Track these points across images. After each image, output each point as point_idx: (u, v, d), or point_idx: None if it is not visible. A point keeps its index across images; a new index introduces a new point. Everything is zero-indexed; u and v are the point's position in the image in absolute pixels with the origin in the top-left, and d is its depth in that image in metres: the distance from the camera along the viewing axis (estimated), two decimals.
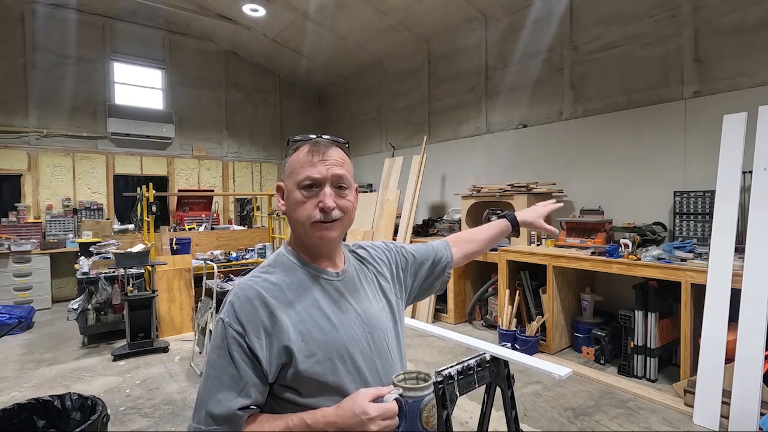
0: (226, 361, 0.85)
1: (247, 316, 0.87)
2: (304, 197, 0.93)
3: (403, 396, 0.95)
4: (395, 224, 6.26)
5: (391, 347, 1.03)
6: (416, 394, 1.37)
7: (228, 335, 0.86)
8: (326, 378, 0.89)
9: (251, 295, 0.89)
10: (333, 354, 0.91)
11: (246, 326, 0.86)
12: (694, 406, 2.93)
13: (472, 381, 2.01)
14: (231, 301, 0.89)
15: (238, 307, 0.87)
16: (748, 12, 3.66)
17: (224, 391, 0.83)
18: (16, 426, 2.01)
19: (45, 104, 6.74)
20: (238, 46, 8.27)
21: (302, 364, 0.87)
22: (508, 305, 4.35)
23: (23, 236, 6.19)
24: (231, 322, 0.86)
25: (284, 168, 0.99)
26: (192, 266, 5.24)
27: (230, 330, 0.86)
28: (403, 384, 1.47)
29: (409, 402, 1.33)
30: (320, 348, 0.90)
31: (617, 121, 4.51)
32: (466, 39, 6.20)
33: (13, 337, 4.92)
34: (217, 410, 0.83)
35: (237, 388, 0.84)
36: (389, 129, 7.80)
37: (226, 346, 0.85)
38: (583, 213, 4.51)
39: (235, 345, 0.85)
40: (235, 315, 0.87)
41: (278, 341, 0.86)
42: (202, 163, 8.27)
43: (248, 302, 0.88)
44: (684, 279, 3.18)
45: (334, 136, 1.01)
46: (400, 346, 1.08)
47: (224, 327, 0.87)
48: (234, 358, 0.84)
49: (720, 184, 3.10)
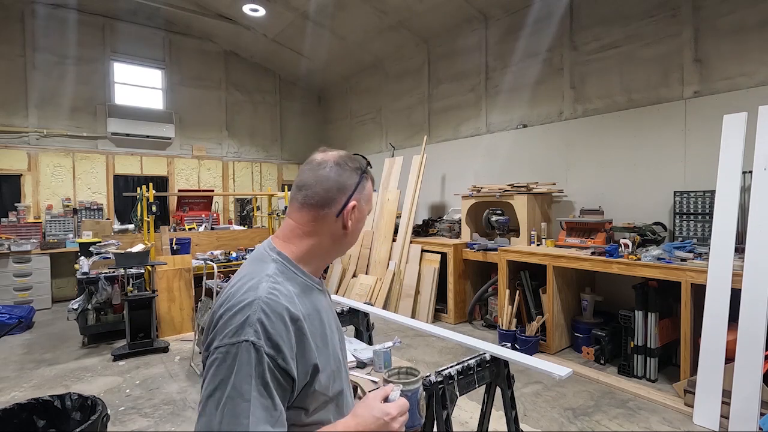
0: (258, 391, 0.74)
1: (281, 336, 0.78)
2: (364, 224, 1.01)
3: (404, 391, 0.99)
4: (395, 224, 6.26)
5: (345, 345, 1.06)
6: (413, 387, 1.66)
7: (263, 361, 0.75)
8: (329, 390, 0.87)
9: (281, 311, 0.79)
10: (335, 364, 0.90)
11: (282, 348, 0.77)
12: (694, 406, 2.93)
13: (472, 381, 2.01)
14: (260, 320, 0.77)
15: (270, 327, 0.77)
16: (748, 12, 3.66)
17: (262, 424, 0.73)
18: (16, 426, 2.01)
19: (45, 104, 6.74)
20: (238, 46, 8.27)
21: (322, 380, 0.84)
22: (508, 305, 4.34)
23: (23, 236, 6.19)
24: (263, 345, 0.75)
25: (363, 191, 0.96)
26: (192, 266, 5.24)
27: (263, 354, 0.75)
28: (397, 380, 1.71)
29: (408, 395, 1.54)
30: (328, 360, 0.87)
31: (617, 121, 4.51)
32: (466, 39, 6.20)
33: (13, 337, 4.92)
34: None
35: (272, 420, 0.75)
36: (389, 129, 7.81)
37: (261, 374, 0.75)
38: (583, 213, 4.51)
39: (269, 371, 0.75)
40: (268, 336, 0.76)
41: (306, 360, 0.81)
42: (202, 163, 8.27)
43: (280, 320, 0.78)
44: (684, 279, 3.19)
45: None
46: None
47: (257, 351, 0.75)
48: (268, 386, 0.75)
49: (720, 184, 3.10)
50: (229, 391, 0.73)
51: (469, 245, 5.28)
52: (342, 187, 0.92)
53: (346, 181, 0.92)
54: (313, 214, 0.91)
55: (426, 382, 1.79)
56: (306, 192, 0.91)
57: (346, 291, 6.45)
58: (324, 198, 0.90)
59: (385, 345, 2.43)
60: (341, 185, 0.91)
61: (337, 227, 0.92)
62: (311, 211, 0.91)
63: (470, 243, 5.32)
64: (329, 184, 0.91)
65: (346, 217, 0.92)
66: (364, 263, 6.52)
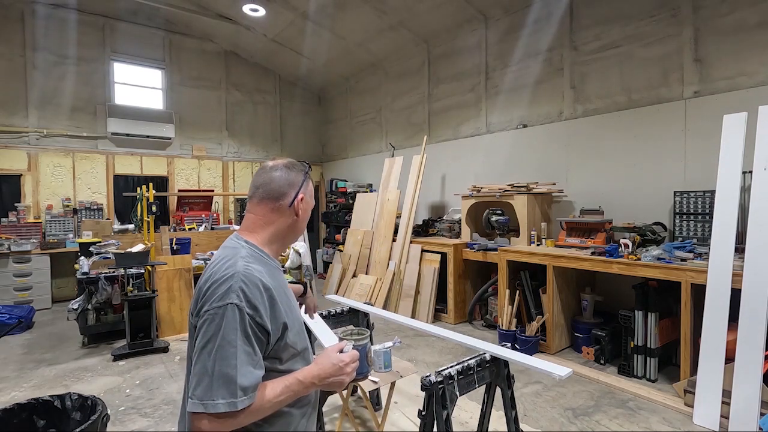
0: (242, 341, 0.96)
1: (257, 299, 1.00)
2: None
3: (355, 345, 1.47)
4: (395, 224, 6.26)
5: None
6: (362, 342, 2.23)
7: (244, 317, 0.97)
8: (298, 345, 1.12)
9: (256, 281, 1.02)
10: (299, 326, 1.15)
11: (258, 308, 1.00)
12: (694, 406, 2.93)
13: (472, 381, 2.01)
14: (241, 288, 0.99)
15: (248, 293, 0.99)
16: (748, 12, 3.66)
17: (246, 365, 0.95)
18: (16, 426, 2.01)
19: (45, 104, 6.74)
20: (238, 46, 8.27)
21: (289, 336, 1.08)
22: (508, 305, 4.34)
23: (23, 236, 6.19)
24: (245, 305, 0.98)
25: (307, 187, 1.21)
26: (192, 266, 5.24)
27: (245, 313, 0.97)
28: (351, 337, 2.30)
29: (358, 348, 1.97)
30: (294, 322, 1.12)
31: (617, 121, 4.51)
32: (466, 39, 6.20)
33: (13, 337, 4.92)
34: (247, 382, 0.94)
35: (253, 363, 0.97)
36: (389, 129, 7.80)
37: (243, 327, 0.97)
38: (583, 213, 4.52)
39: (249, 326, 0.98)
40: (248, 299, 0.99)
41: (277, 319, 1.04)
42: (202, 163, 8.27)
43: (255, 288, 1.01)
44: (684, 279, 3.19)
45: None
46: None
47: (239, 310, 0.97)
48: (249, 336, 0.97)
49: (720, 184, 3.10)
50: (219, 341, 0.95)
51: (469, 245, 5.28)
52: (291, 183, 1.17)
53: (294, 179, 1.17)
54: (271, 206, 1.16)
55: (426, 382, 1.80)
56: (263, 189, 1.16)
57: (346, 291, 6.45)
58: (278, 192, 1.15)
59: (385, 345, 2.43)
60: (291, 181, 1.17)
61: (290, 215, 1.18)
62: (269, 204, 1.16)
63: (470, 243, 5.32)
64: (281, 181, 1.16)
65: (297, 206, 1.17)
66: (364, 263, 6.52)
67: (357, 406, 3.19)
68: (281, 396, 1.01)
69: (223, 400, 0.92)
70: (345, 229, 7.64)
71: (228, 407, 0.92)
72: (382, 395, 3.07)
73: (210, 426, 0.92)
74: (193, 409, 0.92)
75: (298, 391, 1.04)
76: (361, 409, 3.16)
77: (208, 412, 0.91)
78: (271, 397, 1.00)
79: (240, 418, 0.94)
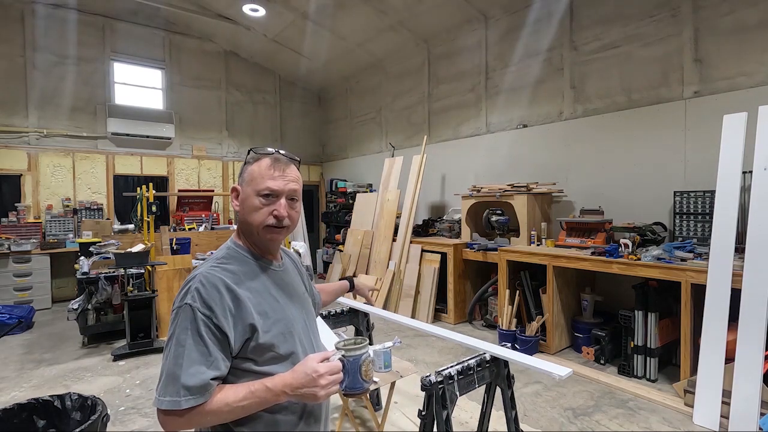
0: (194, 340, 0.96)
1: (214, 300, 0.99)
2: (261, 204, 1.09)
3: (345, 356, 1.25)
4: (395, 224, 6.26)
5: (315, 327, 1.27)
6: (356, 353, 1.89)
7: (197, 317, 0.97)
8: (278, 348, 1.07)
9: (215, 282, 1.01)
10: (283, 329, 1.09)
11: (214, 309, 0.98)
12: (694, 406, 2.93)
13: (472, 381, 2.01)
14: (197, 288, 0.99)
15: (204, 293, 0.99)
16: (748, 12, 3.66)
17: (195, 365, 0.95)
18: (16, 426, 2.01)
19: (45, 104, 6.73)
20: (238, 46, 8.27)
21: (262, 338, 1.04)
22: (508, 305, 4.35)
23: (23, 236, 6.19)
24: (199, 306, 0.98)
25: (242, 174, 1.13)
26: (192, 266, 5.24)
27: (198, 313, 0.97)
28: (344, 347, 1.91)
29: (350, 360, 1.81)
30: (274, 324, 1.07)
31: (617, 121, 4.51)
32: (466, 39, 6.20)
33: (13, 337, 4.92)
34: (191, 382, 0.94)
35: (207, 363, 0.96)
36: (389, 129, 7.81)
37: (196, 327, 0.97)
38: (583, 213, 4.51)
39: (204, 326, 0.97)
40: (203, 300, 0.98)
41: (243, 320, 1.01)
42: (202, 163, 8.27)
43: (214, 288, 1.00)
44: (684, 279, 3.19)
45: (289, 153, 1.17)
46: (317, 329, 1.31)
47: (192, 310, 0.97)
48: (203, 336, 0.97)
49: (720, 184, 3.10)
50: (174, 341, 0.98)
51: (469, 245, 5.28)
52: (239, 178, 1.15)
53: (241, 172, 1.14)
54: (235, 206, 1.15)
55: (426, 382, 1.80)
56: None
57: None
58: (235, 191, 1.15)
59: (385, 345, 2.43)
60: (239, 177, 1.15)
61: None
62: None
63: (470, 243, 5.32)
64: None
65: (232, 200, 1.14)
66: (364, 263, 6.52)
67: (357, 406, 3.19)
68: (244, 401, 0.97)
69: (170, 398, 0.93)
70: (345, 229, 7.64)
71: (171, 405, 0.93)
72: (382, 395, 3.07)
73: (163, 421, 0.95)
74: (153, 403, 0.98)
75: (266, 398, 0.98)
76: (361, 409, 3.16)
77: (158, 407, 0.95)
78: (231, 400, 0.96)
79: (190, 417, 0.94)
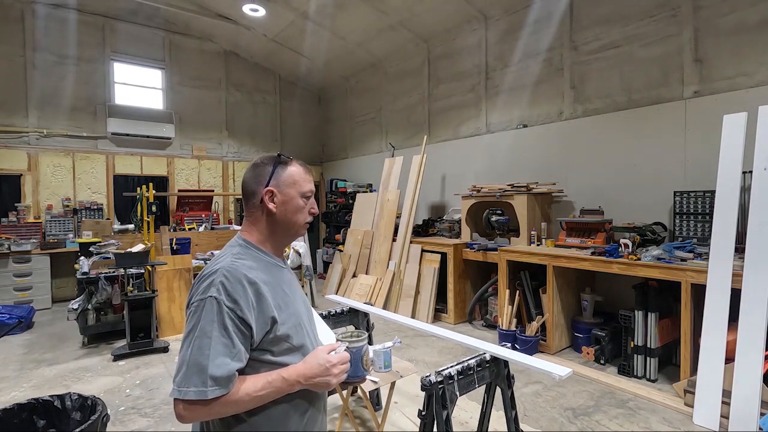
0: (220, 332, 0.99)
1: (238, 294, 1.03)
2: (303, 204, 1.19)
3: (348, 347, 1.32)
4: (395, 224, 6.26)
5: (314, 323, 1.33)
6: (358, 344, 2.12)
7: (222, 310, 1.00)
8: (293, 340, 1.12)
9: (239, 276, 1.05)
10: (295, 322, 1.15)
11: (239, 302, 1.02)
12: (694, 406, 2.93)
13: (472, 381, 2.01)
14: (221, 282, 1.03)
15: (229, 287, 1.03)
16: (748, 12, 3.66)
17: (221, 356, 0.98)
18: (16, 426, 2.01)
19: (45, 104, 6.73)
20: (238, 46, 8.27)
21: (280, 330, 1.08)
22: (508, 305, 4.34)
23: (23, 236, 6.19)
24: (224, 299, 1.01)
25: (277, 178, 1.16)
26: (192, 266, 5.24)
27: (224, 306, 1.01)
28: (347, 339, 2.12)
29: (353, 351, 1.97)
30: (288, 317, 1.12)
31: (617, 121, 4.51)
32: (466, 39, 6.20)
33: (13, 337, 4.92)
34: (218, 373, 0.97)
35: (231, 354, 1.00)
36: (389, 129, 7.80)
37: (221, 319, 1.00)
38: (583, 213, 4.51)
39: (228, 318, 1.00)
40: (228, 293, 1.02)
41: (264, 313, 1.06)
42: (202, 163, 8.27)
43: (238, 282, 1.04)
44: (684, 279, 3.19)
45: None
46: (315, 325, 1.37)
47: (218, 303, 1.01)
48: (227, 329, 1.00)
49: (720, 184, 3.10)
50: (197, 332, 1.00)
51: (469, 245, 5.28)
52: (257, 179, 1.16)
53: (259, 175, 1.17)
54: (247, 206, 1.19)
55: (426, 382, 1.80)
56: (242, 190, 1.20)
57: (346, 291, 6.45)
58: (247, 192, 1.17)
59: (385, 345, 2.43)
60: (256, 178, 1.17)
61: (265, 211, 1.16)
62: (246, 205, 1.19)
63: (470, 243, 5.32)
64: (249, 180, 1.18)
65: (266, 202, 1.15)
66: (364, 263, 6.52)
67: (357, 406, 3.19)
68: (262, 391, 1.02)
69: (195, 388, 0.96)
70: (345, 229, 7.63)
71: (198, 395, 0.95)
72: (382, 395, 3.07)
73: (184, 412, 0.97)
74: (171, 394, 0.98)
75: (282, 388, 1.05)
76: (361, 409, 3.16)
77: (181, 398, 0.96)
78: (251, 390, 1.01)
79: (212, 407, 0.97)
